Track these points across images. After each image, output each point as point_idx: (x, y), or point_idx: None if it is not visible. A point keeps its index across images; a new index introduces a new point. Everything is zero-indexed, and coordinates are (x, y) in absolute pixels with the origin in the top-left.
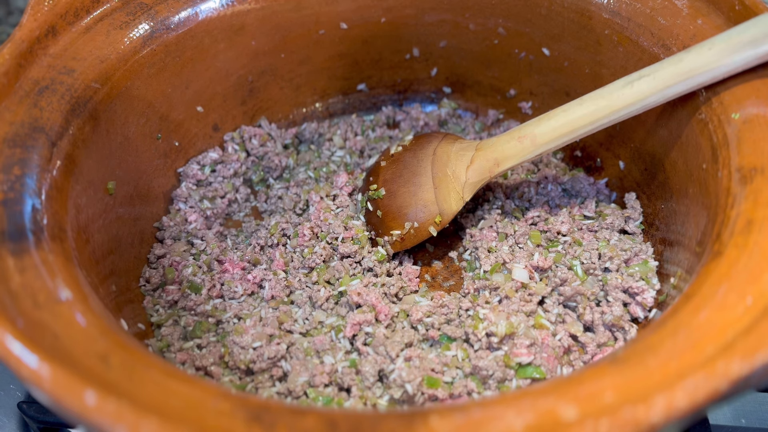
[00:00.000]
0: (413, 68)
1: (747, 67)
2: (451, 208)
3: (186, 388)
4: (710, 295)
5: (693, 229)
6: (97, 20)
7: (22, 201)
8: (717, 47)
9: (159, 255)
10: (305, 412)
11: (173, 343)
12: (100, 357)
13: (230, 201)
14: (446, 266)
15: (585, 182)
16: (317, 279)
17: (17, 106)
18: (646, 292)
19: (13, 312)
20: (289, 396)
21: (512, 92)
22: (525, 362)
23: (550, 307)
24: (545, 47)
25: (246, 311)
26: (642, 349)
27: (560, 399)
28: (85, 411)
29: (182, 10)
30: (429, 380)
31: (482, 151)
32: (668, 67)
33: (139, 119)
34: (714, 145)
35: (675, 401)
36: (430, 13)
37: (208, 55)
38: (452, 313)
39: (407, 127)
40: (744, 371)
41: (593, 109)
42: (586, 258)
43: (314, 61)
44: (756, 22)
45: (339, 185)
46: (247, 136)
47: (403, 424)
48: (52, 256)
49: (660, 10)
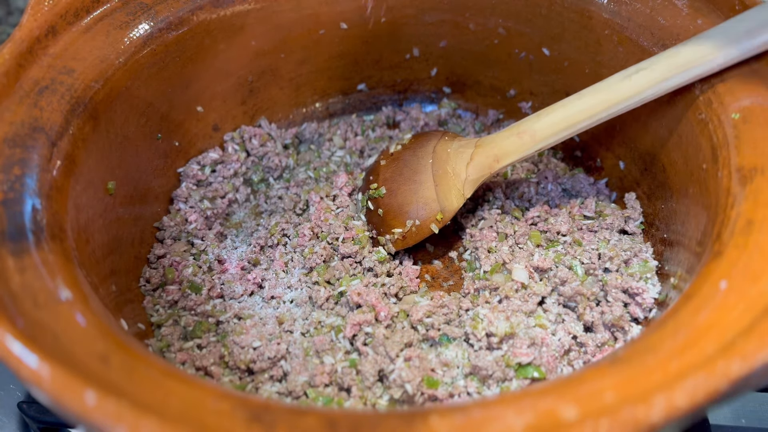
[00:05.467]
0: (413, 68)
1: (743, 58)
2: (452, 205)
3: (186, 388)
4: (710, 295)
5: (693, 229)
6: (97, 20)
7: (22, 201)
8: (713, 39)
9: (159, 255)
10: (305, 412)
11: (173, 343)
12: (100, 357)
13: (230, 201)
14: (446, 266)
15: (585, 182)
16: (317, 279)
17: (17, 106)
18: (646, 292)
19: (13, 312)
20: (289, 396)
21: (512, 92)
22: (525, 362)
23: (550, 307)
24: (545, 47)
25: (246, 311)
26: (642, 349)
27: (560, 399)
28: (85, 411)
29: (182, 10)
30: (429, 380)
31: (482, 148)
32: (665, 60)
33: (139, 119)
34: (714, 145)
35: (675, 401)
36: (430, 13)
37: (208, 55)
38: (452, 313)
39: (407, 127)
40: (744, 371)
41: (592, 103)
42: (586, 258)
43: (314, 61)
44: (751, 14)
45: (339, 185)
46: (247, 136)
47: (403, 424)
48: (52, 256)
49: (660, 10)
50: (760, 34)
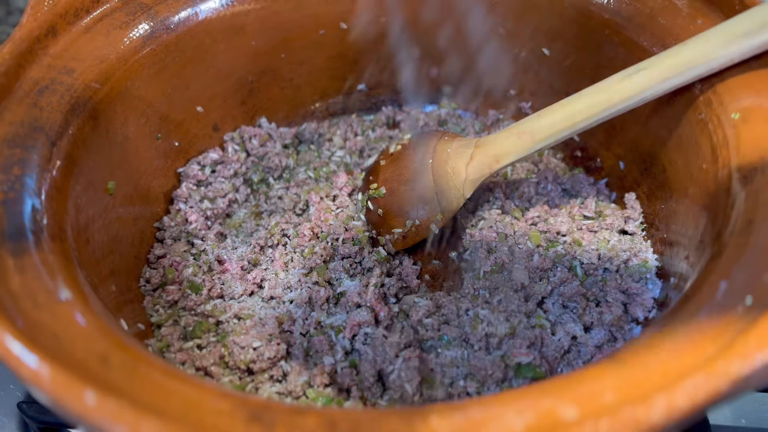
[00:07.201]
0: (413, 68)
1: (743, 58)
2: (451, 205)
3: (186, 388)
4: (710, 295)
5: (693, 229)
6: (97, 20)
7: (22, 201)
8: (713, 39)
9: (159, 255)
10: (305, 412)
11: (173, 343)
12: (100, 357)
13: (230, 201)
14: (446, 266)
15: (585, 182)
16: (317, 279)
17: (17, 106)
18: (646, 292)
19: (13, 312)
20: (289, 396)
21: (512, 92)
22: (525, 362)
23: (549, 307)
24: (545, 47)
25: (246, 311)
26: (642, 349)
27: (560, 399)
28: (85, 411)
29: (182, 10)
30: (428, 380)
31: (482, 148)
32: (665, 60)
33: (139, 119)
34: (714, 145)
35: (675, 401)
36: (429, 13)
37: (208, 55)
38: (452, 314)
39: (407, 127)
40: (744, 371)
41: (592, 103)
42: (586, 258)
43: (314, 61)
44: (751, 14)
45: (339, 185)
46: (247, 136)
47: (403, 424)
48: (52, 256)
49: (660, 10)
50: (760, 34)
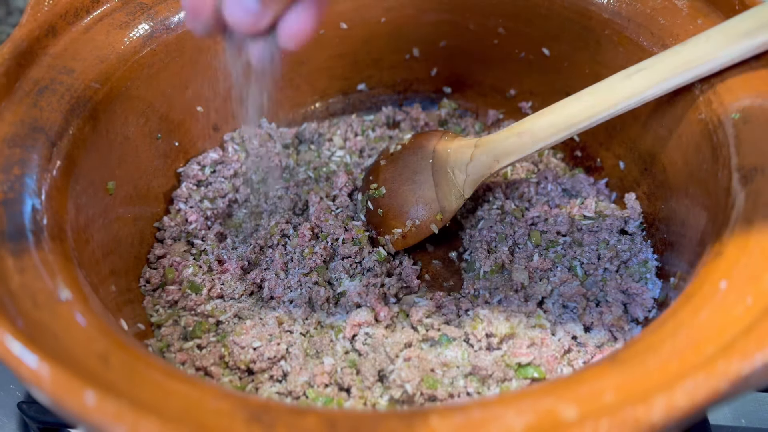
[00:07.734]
0: (413, 68)
1: (743, 58)
2: (451, 205)
3: (186, 388)
4: (710, 295)
5: (693, 230)
6: (97, 20)
7: (21, 201)
8: (714, 39)
9: (159, 255)
10: (305, 412)
11: (173, 344)
12: (100, 357)
13: (230, 201)
14: (446, 266)
15: (585, 182)
16: (317, 279)
17: (17, 106)
18: (646, 292)
19: (13, 312)
20: (289, 396)
21: (512, 92)
22: (525, 362)
23: (550, 308)
24: (545, 47)
25: (246, 311)
26: (642, 349)
27: (560, 399)
28: (85, 411)
29: (182, 10)
30: (428, 380)
31: (482, 148)
32: (666, 60)
33: (139, 119)
34: (714, 145)
35: (675, 401)
36: (430, 13)
37: (208, 55)
38: (452, 314)
39: (407, 127)
40: (744, 371)
41: (592, 103)
42: (585, 258)
43: (314, 61)
44: (752, 14)
45: (339, 186)
46: (247, 136)
47: (403, 424)
48: (52, 256)
49: (660, 10)
50: (760, 34)
